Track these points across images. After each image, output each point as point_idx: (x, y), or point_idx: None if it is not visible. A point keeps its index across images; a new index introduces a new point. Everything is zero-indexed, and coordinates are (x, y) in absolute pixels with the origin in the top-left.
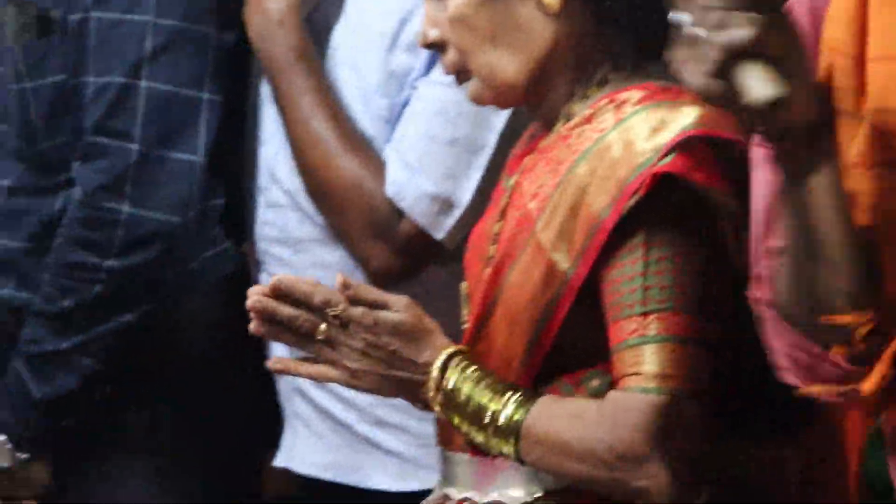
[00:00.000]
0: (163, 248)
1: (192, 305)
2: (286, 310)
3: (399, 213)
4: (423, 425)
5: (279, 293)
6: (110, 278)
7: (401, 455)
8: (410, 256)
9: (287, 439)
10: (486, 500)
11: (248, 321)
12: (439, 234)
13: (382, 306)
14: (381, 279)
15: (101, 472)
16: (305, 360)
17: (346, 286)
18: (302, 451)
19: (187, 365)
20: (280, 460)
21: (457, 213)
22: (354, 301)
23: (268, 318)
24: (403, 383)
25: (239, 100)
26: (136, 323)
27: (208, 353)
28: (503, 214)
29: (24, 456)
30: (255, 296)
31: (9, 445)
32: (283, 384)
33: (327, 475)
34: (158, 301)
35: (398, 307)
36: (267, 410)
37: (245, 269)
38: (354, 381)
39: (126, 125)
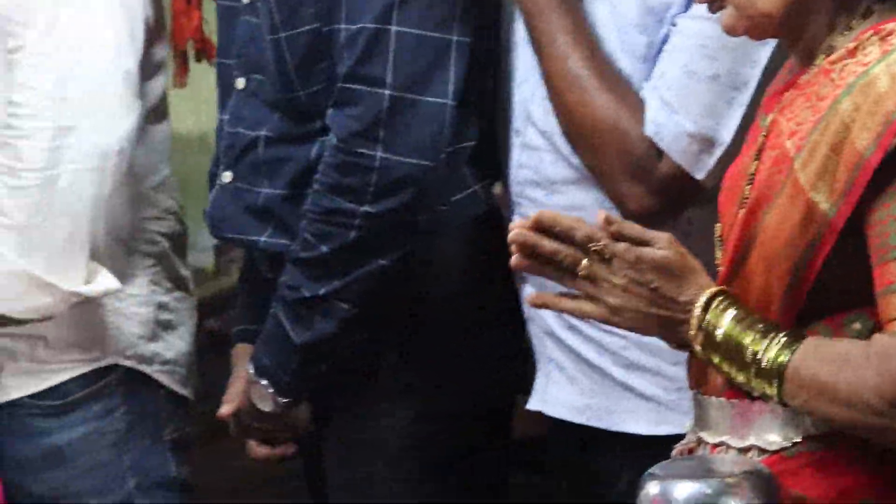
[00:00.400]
0: (415, 192)
1: (443, 247)
2: (548, 243)
3: (658, 153)
4: (678, 369)
5: (541, 227)
6: (366, 223)
7: (655, 399)
8: (669, 197)
9: (539, 382)
10: (742, 445)
11: (498, 263)
12: (699, 174)
13: (645, 243)
14: (638, 220)
15: (356, 414)
16: (564, 295)
17: (609, 222)
18: (555, 395)
19: (438, 307)
20: (533, 403)
21: (717, 152)
22: (617, 237)
23: (529, 251)
24: (663, 321)
25: (489, 41)
26: (390, 267)
27: (459, 295)
28: (759, 154)
29: (285, 400)
30: (517, 229)
31: (270, 390)
32: (535, 328)
33: (580, 419)
34: (411, 245)
35: (661, 244)
36: (517, 352)
37: (494, 211)
38: (614, 317)
39: (378, 71)
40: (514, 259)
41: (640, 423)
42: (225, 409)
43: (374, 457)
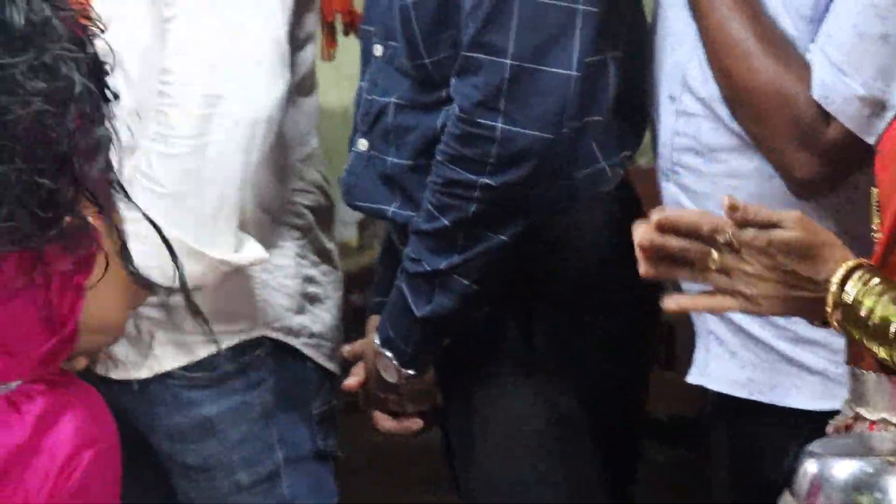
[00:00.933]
0: (535, 165)
1: (569, 223)
2: (676, 241)
3: (826, 117)
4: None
5: (664, 228)
6: (486, 196)
7: (822, 373)
8: (836, 163)
9: (699, 356)
10: None
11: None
12: (870, 138)
13: (774, 225)
14: (805, 187)
15: (481, 388)
16: (702, 293)
17: (733, 208)
18: (715, 368)
19: (565, 282)
20: (693, 377)
21: (888, 115)
22: (744, 223)
23: (658, 254)
24: (804, 303)
25: (629, 9)
26: (510, 244)
27: (586, 271)
28: None
29: (409, 372)
30: (641, 233)
31: (394, 362)
32: None
33: (742, 393)
34: (531, 220)
35: (790, 224)
36: (650, 327)
37: (626, 186)
38: (753, 306)
39: (500, 39)
40: (643, 267)
41: (805, 397)
42: (352, 381)
43: (498, 431)
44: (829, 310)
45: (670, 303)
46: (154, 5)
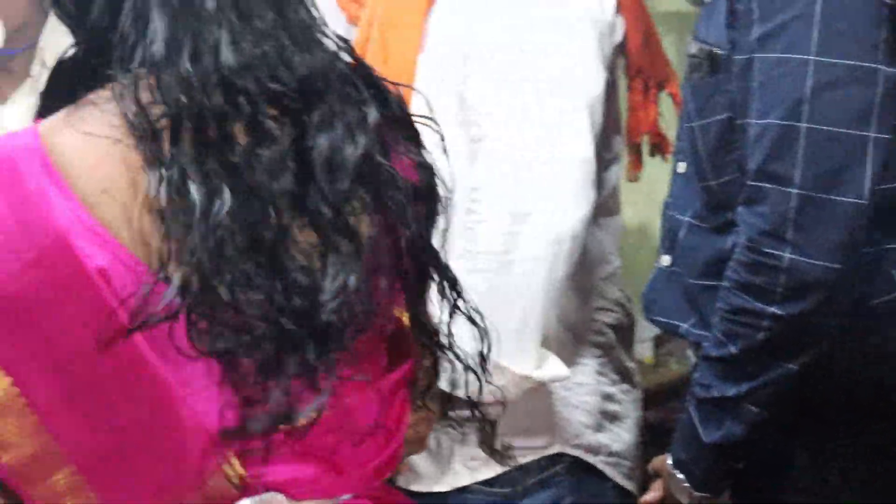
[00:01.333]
0: (824, 295)
1: (874, 342)
2: None
3: None
4: None
5: None
6: (774, 325)
7: None
8: None
9: None
10: None
11: None
12: None
13: None
14: None
15: None
16: None
17: None
18: None
19: (863, 406)
20: None
21: None
22: None
23: None
24: None
25: None
26: (800, 371)
27: (889, 395)
28: None
29: (702, 495)
30: None
31: (686, 484)
32: None
33: None
34: (822, 349)
35: None
36: None
37: None
38: None
39: (786, 169)
40: None
41: None
42: (649, 497)
43: None
44: None
45: None
46: (462, 126)
